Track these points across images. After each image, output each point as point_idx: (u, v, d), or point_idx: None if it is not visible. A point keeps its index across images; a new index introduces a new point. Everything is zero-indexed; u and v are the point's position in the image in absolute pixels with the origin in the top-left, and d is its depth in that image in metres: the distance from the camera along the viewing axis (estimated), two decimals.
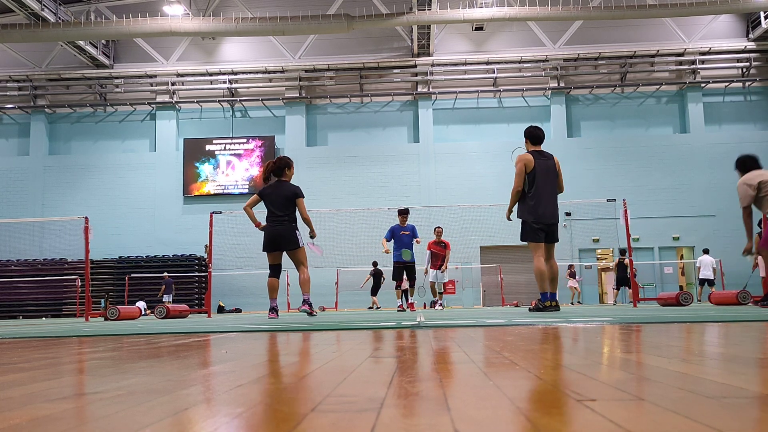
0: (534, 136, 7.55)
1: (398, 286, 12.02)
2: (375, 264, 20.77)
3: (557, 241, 7.56)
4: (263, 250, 7.62)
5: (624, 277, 19.11)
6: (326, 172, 24.86)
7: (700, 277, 18.89)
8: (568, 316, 5.62)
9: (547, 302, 7.33)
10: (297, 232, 7.58)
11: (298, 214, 7.63)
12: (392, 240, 11.92)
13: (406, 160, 24.79)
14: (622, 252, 19.33)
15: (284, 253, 7.66)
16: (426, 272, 13.64)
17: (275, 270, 7.62)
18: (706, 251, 19.57)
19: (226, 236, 22.03)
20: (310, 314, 7.51)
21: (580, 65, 25.17)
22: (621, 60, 25.03)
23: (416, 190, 24.53)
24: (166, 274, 21.34)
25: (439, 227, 13.66)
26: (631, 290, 18.33)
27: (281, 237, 7.48)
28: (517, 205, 7.52)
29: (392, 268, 12.07)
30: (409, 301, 12.68)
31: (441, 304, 14.08)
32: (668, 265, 24.16)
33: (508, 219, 7.75)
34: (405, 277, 12.10)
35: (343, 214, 22.05)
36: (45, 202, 25.25)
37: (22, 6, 20.39)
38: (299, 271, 7.62)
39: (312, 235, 7.79)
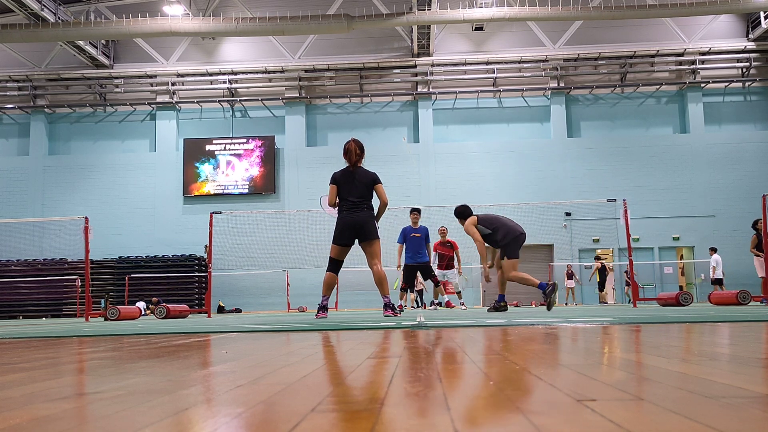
0: (465, 214, 8.76)
1: (404, 289, 11.47)
2: None
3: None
4: (335, 243, 6.81)
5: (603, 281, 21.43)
6: (326, 172, 24.45)
7: (716, 276, 18.67)
8: (568, 316, 5.62)
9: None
10: (375, 221, 6.87)
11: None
12: (404, 243, 11.30)
13: (406, 161, 24.76)
14: (597, 257, 21.84)
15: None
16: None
17: (337, 266, 6.87)
18: (714, 250, 19.31)
19: (226, 236, 22.03)
20: (396, 317, 6.41)
21: (580, 65, 25.15)
22: (621, 60, 25.02)
23: (416, 190, 24.51)
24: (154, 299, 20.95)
25: (443, 227, 13.01)
26: (631, 291, 19.08)
27: (360, 226, 6.73)
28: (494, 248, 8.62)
29: (402, 271, 11.55)
30: (444, 300, 12.61)
31: (462, 303, 13.03)
32: (668, 265, 24.15)
33: (487, 280, 8.73)
34: (421, 278, 11.70)
35: None
36: (45, 202, 25.23)
37: (22, 6, 20.37)
38: (373, 266, 6.76)
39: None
